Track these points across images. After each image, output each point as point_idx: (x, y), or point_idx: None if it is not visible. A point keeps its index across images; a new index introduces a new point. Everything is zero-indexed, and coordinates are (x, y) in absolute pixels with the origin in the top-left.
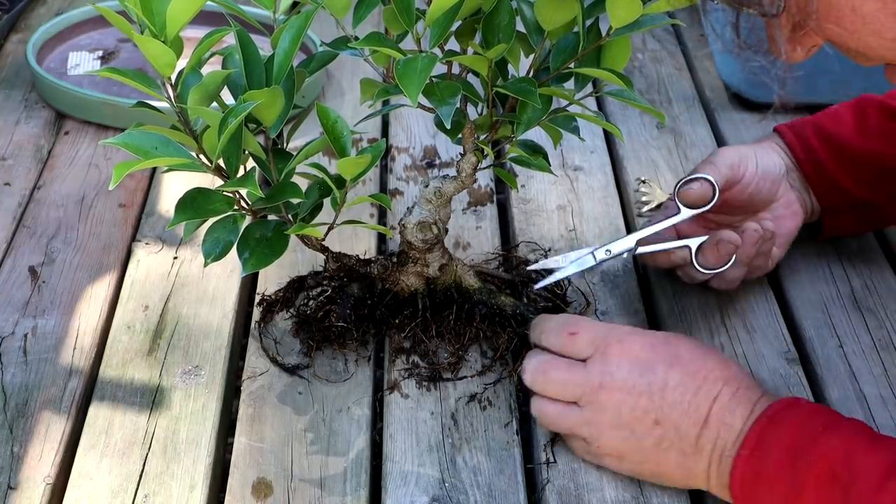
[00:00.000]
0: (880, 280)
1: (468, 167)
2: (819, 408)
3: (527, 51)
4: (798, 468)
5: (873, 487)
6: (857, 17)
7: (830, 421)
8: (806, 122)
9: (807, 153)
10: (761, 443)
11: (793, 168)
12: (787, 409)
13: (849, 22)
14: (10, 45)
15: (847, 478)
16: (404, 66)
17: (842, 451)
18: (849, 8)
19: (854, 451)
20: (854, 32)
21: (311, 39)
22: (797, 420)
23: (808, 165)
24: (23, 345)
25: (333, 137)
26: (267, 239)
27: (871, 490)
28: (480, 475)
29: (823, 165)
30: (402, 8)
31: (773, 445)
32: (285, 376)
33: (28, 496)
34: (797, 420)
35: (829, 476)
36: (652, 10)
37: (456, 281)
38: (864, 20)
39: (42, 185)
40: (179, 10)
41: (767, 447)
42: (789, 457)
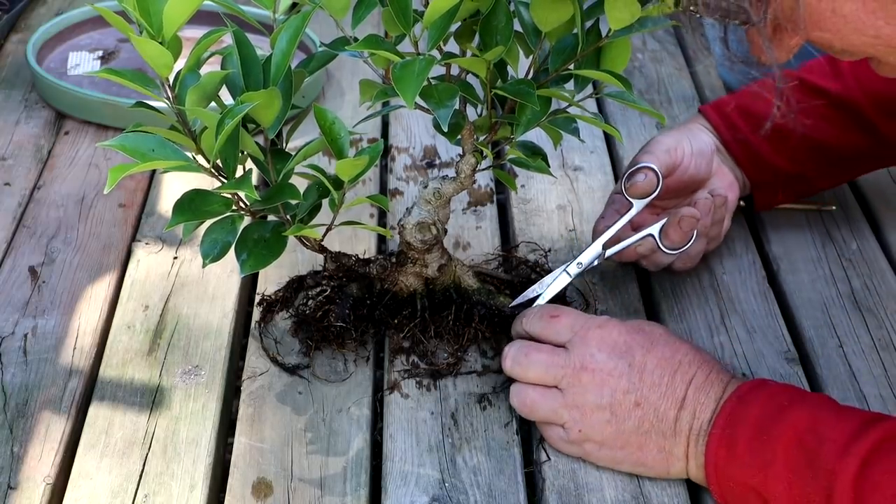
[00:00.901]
0: (880, 280)
1: (467, 168)
2: (785, 386)
3: (526, 51)
4: (766, 441)
5: (838, 451)
6: (839, 18)
7: (796, 396)
8: (729, 102)
9: (732, 132)
10: (731, 421)
11: (720, 147)
12: (756, 389)
13: (831, 24)
14: (10, 45)
15: (813, 444)
16: (401, 70)
17: (807, 421)
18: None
19: (819, 419)
20: (837, 33)
21: (311, 39)
22: (764, 397)
23: (734, 145)
24: (23, 345)
25: (331, 139)
26: (265, 240)
27: (837, 453)
28: (480, 475)
29: (749, 143)
30: (399, 10)
31: (742, 422)
32: (285, 376)
33: (28, 496)
34: (764, 397)
35: (796, 444)
36: (651, 12)
37: (455, 281)
38: (846, 20)
39: (42, 185)
40: (176, 10)
41: (737, 424)
42: (757, 431)
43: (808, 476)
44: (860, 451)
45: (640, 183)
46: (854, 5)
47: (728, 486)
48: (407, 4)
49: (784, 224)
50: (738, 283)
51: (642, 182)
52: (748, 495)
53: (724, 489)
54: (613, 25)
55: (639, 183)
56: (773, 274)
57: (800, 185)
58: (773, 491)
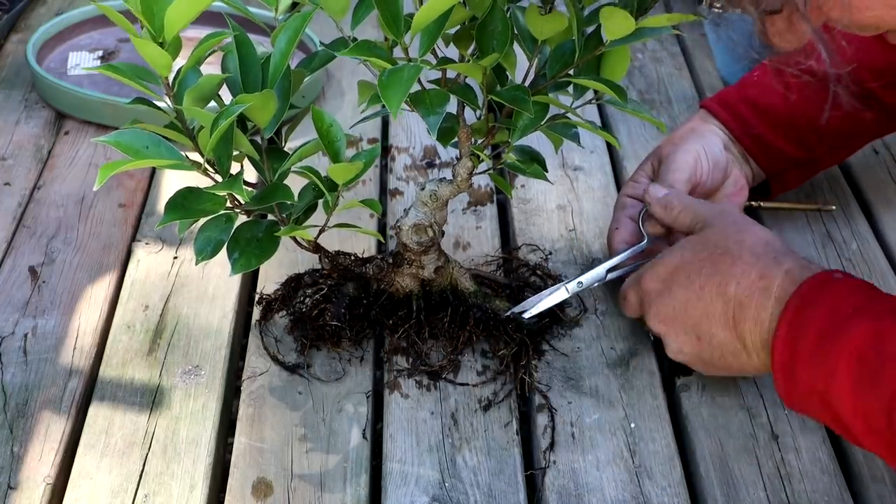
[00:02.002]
0: (880, 280)
1: (464, 172)
2: (853, 285)
3: (527, 56)
4: (829, 352)
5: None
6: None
7: (861, 301)
8: (734, 96)
9: (743, 128)
10: (794, 325)
11: (731, 143)
12: (821, 287)
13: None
14: (10, 45)
15: (875, 361)
16: (388, 77)
17: (871, 333)
18: None
19: (884, 331)
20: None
21: (311, 39)
22: (829, 301)
23: (746, 139)
24: (23, 345)
25: (327, 142)
26: (257, 239)
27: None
28: (480, 475)
29: (761, 137)
30: (390, 17)
31: (807, 327)
32: (285, 376)
33: (28, 496)
34: (829, 301)
35: (856, 359)
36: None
37: (452, 283)
38: None
39: (42, 185)
40: (179, 12)
41: (801, 329)
42: (820, 338)
43: (871, 392)
44: None
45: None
46: None
47: (795, 393)
48: (398, 10)
49: (784, 224)
50: None
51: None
52: (813, 400)
53: (792, 395)
54: (610, 37)
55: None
56: None
57: (810, 167)
58: (837, 400)
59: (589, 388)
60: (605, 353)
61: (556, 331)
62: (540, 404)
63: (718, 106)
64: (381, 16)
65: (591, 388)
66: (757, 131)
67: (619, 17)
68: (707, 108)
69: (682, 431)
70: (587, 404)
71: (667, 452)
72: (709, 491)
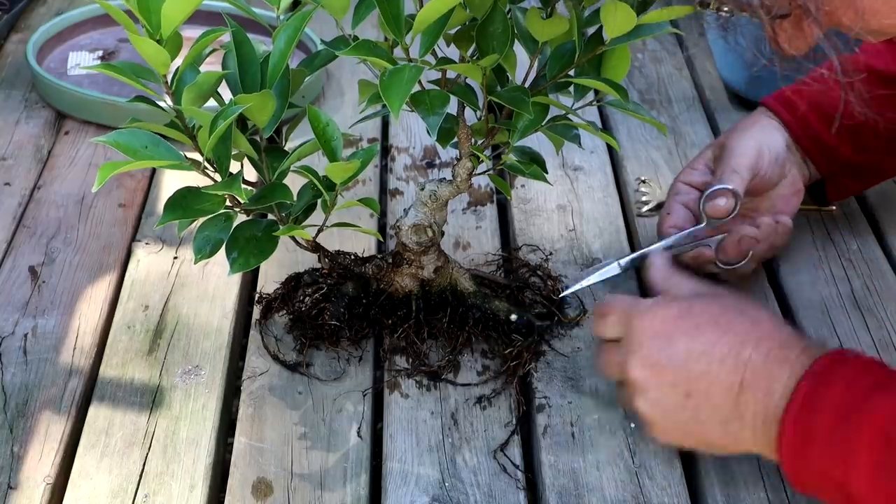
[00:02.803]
0: (880, 280)
1: (463, 172)
2: (868, 362)
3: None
4: (850, 430)
5: None
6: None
7: (882, 379)
8: (797, 96)
9: (804, 129)
10: (809, 401)
11: (791, 144)
12: (835, 365)
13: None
14: (10, 45)
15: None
16: (389, 78)
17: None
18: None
19: None
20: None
21: (311, 39)
22: (846, 377)
23: (806, 140)
24: (23, 345)
25: (324, 141)
26: (256, 239)
27: None
28: (480, 475)
29: (821, 138)
30: (391, 17)
31: (823, 405)
32: (285, 376)
33: (28, 496)
34: (846, 377)
35: (883, 439)
36: (650, 19)
37: (451, 284)
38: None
39: (42, 185)
40: (174, 9)
41: (816, 406)
42: (839, 417)
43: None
44: None
45: (720, 207)
46: None
47: (806, 474)
48: (399, 10)
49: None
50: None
51: (723, 206)
52: (827, 485)
53: (802, 476)
54: (610, 34)
55: (720, 206)
56: (773, 274)
57: (872, 173)
58: (856, 485)
59: (589, 388)
60: None
61: (556, 331)
62: (540, 404)
63: (779, 105)
64: (382, 15)
65: (591, 388)
66: (816, 132)
67: (621, 11)
68: (767, 106)
69: None
70: (587, 404)
71: (667, 452)
72: (709, 491)
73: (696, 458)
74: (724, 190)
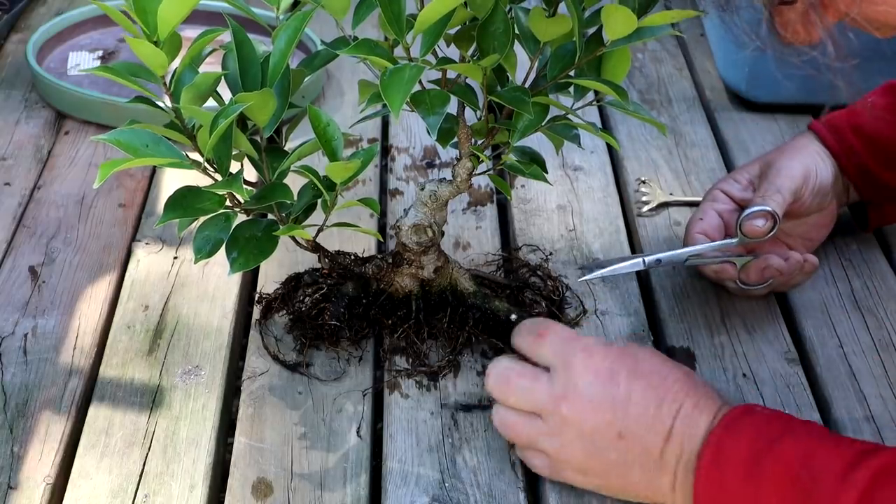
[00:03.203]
0: (880, 280)
1: (463, 172)
2: (774, 414)
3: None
4: (757, 476)
5: (836, 482)
6: None
7: (786, 426)
8: (843, 122)
9: (849, 157)
10: (719, 453)
11: (838, 173)
12: (743, 417)
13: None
14: (10, 45)
15: (808, 478)
16: (390, 77)
17: (800, 453)
18: None
19: (812, 451)
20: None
21: (311, 39)
22: (753, 427)
23: (851, 168)
24: (23, 345)
25: (324, 140)
26: (256, 238)
27: (834, 485)
28: (480, 475)
29: (866, 166)
30: (392, 16)
31: (731, 455)
32: (285, 376)
33: (28, 496)
34: (753, 427)
35: (789, 480)
36: (650, 22)
37: (451, 284)
38: None
39: (42, 185)
40: (170, 10)
41: (725, 457)
42: (747, 465)
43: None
44: (858, 483)
45: (758, 228)
46: None
47: None
48: (400, 10)
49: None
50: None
51: (761, 227)
52: None
53: None
54: (611, 36)
55: (758, 228)
56: None
57: None
58: None
59: None
60: None
61: None
62: None
63: (827, 131)
64: (383, 15)
65: None
66: (861, 160)
67: (621, 14)
68: (815, 132)
69: None
70: None
71: None
72: None
73: None
74: (765, 212)
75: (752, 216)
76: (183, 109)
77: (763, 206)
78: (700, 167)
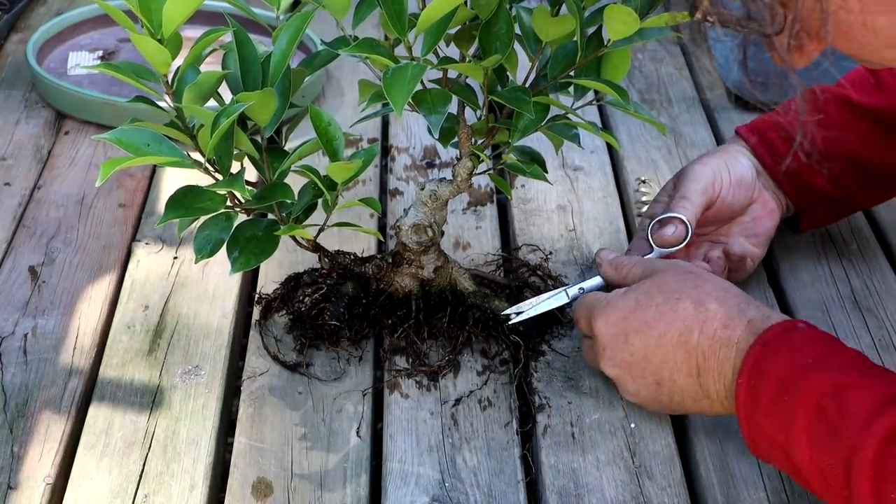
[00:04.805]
0: (880, 280)
1: (464, 172)
2: (815, 336)
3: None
4: (788, 403)
5: (860, 427)
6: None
7: (823, 352)
8: (768, 124)
9: (774, 157)
10: (755, 373)
11: (762, 171)
12: (782, 336)
13: (860, 36)
14: (10, 45)
15: (835, 413)
16: (392, 76)
17: (830, 387)
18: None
19: (843, 385)
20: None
21: (311, 39)
22: (788, 351)
23: (775, 169)
24: (23, 345)
25: (326, 140)
26: (257, 238)
27: (857, 429)
28: (480, 475)
29: (793, 169)
30: (394, 15)
31: (765, 377)
32: (285, 376)
33: (28, 496)
34: (788, 351)
35: (815, 412)
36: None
37: (451, 283)
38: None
39: (42, 185)
40: (175, 9)
41: (760, 379)
42: (779, 390)
43: (828, 447)
44: (881, 430)
45: (667, 236)
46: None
47: (759, 439)
48: (402, 9)
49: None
50: (739, 282)
51: (670, 235)
52: (776, 451)
53: (757, 442)
54: (613, 36)
55: (666, 236)
56: (773, 274)
57: (843, 205)
58: (796, 452)
59: (589, 388)
60: None
61: (555, 331)
62: (540, 404)
63: (750, 132)
64: (385, 14)
65: (591, 388)
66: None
67: (623, 15)
68: (739, 134)
69: (682, 431)
70: (587, 404)
71: (667, 452)
72: (709, 491)
73: (696, 458)
74: (673, 218)
75: (660, 224)
76: (185, 108)
77: (669, 213)
78: None
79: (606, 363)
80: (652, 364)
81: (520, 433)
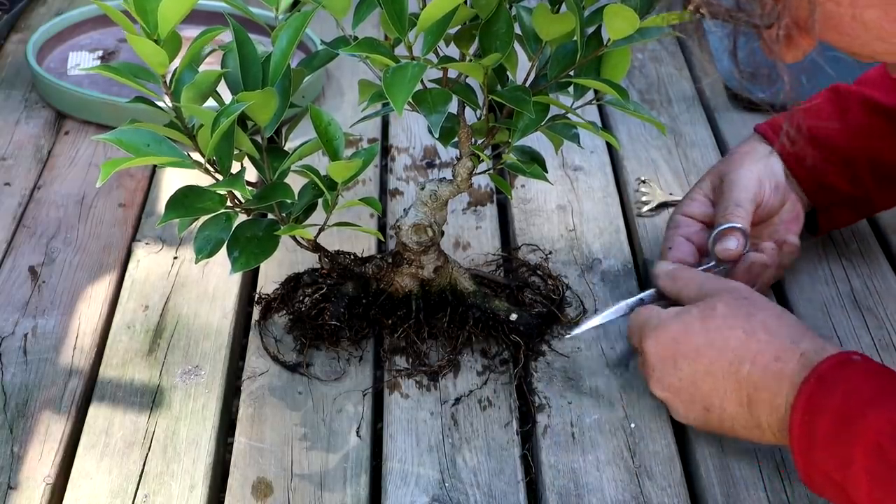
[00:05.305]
0: (880, 280)
1: (464, 172)
2: (871, 370)
3: (528, 55)
4: (846, 440)
5: None
6: (859, 25)
7: (880, 388)
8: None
9: (797, 159)
10: (810, 407)
11: (787, 172)
12: (838, 368)
13: (850, 29)
14: (10, 45)
15: (894, 453)
16: (393, 75)
17: (888, 424)
18: (849, 17)
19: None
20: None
21: (311, 39)
22: (846, 385)
23: (800, 171)
24: (23, 345)
25: (326, 140)
26: (258, 238)
27: None
28: (480, 475)
29: (815, 169)
30: (395, 14)
31: (822, 412)
32: (285, 376)
33: (28, 496)
34: (846, 385)
35: (875, 450)
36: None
37: (451, 283)
38: (866, 27)
39: (42, 185)
40: (171, 9)
41: (816, 413)
42: (836, 426)
43: (891, 489)
44: None
45: (732, 250)
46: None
47: (814, 475)
48: (402, 8)
49: None
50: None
51: (734, 248)
52: (832, 487)
53: (812, 477)
54: (613, 36)
55: (731, 250)
56: None
57: (863, 206)
58: (854, 490)
59: (589, 388)
60: (606, 354)
61: (555, 331)
62: (540, 404)
63: (772, 132)
64: (385, 13)
65: (591, 388)
66: (808, 162)
67: (624, 14)
68: (761, 133)
69: (682, 431)
70: (587, 404)
71: (667, 452)
72: (709, 491)
73: (696, 458)
74: (733, 229)
75: (722, 237)
76: (184, 108)
77: (729, 224)
78: (700, 167)
79: (655, 385)
80: (701, 391)
81: (520, 433)
